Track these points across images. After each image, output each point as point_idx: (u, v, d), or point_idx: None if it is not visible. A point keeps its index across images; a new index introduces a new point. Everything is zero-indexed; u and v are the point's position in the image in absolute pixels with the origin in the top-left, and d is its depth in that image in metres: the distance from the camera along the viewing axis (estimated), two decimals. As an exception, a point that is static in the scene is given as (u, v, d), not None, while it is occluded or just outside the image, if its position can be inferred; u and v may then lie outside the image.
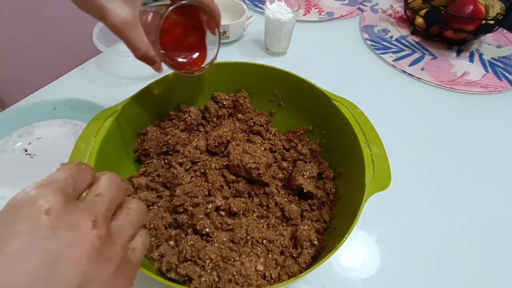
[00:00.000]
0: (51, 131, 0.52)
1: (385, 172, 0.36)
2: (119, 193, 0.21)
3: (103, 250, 0.18)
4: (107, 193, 0.20)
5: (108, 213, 0.19)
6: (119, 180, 0.21)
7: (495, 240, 0.44)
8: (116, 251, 0.19)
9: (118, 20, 0.29)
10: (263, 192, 0.42)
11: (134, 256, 0.21)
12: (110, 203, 0.20)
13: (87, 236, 0.17)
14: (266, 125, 0.49)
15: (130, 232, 0.21)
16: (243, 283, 0.33)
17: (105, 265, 0.18)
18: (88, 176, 0.20)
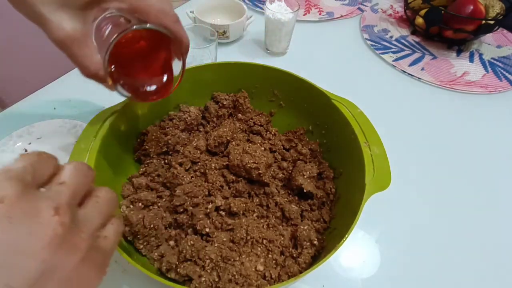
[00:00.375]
0: (51, 131, 0.52)
1: (385, 172, 0.36)
2: (85, 181, 0.20)
3: (67, 237, 0.17)
4: (71, 181, 0.19)
5: (72, 200, 0.19)
6: (85, 168, 0.21)
7: (495, 240, 0.44)
8: (83, 238, 0.18)
9: (62, 34, 0.25)
10: (263, 192, 0.42)
11: (106, 244, 0.21)
12: (75, 191, 0.19)
13: (48, 223, 0.17)
14: (266, 125, 0.49)
15: (99, 220, 0.20)
16: (243, 283, 0.33)
17: (70, 253, 0.18)
18: (50, 166, 0.19)
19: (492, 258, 0.43)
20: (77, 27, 0.26)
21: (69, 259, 0.17)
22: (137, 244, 0.36)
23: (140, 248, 0.36)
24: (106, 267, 0.21)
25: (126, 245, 0.36)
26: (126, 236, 0.36)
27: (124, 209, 0.38)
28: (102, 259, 0.20)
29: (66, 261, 0.17)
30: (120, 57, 0.29)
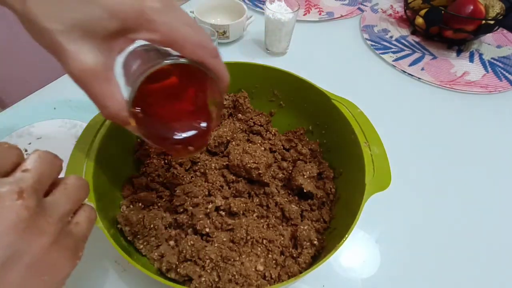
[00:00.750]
0: (51, 131, 0.52)
1: (385, 172, 0.36)
2: (51, 169, 0.20)
3: (33, 221, 0.17)
4: (36, 168, 0.19)
5: (37, 186, 0.18)
6: (51, 156, 0.20)
7: (495, 240, 0.44)
8: (51, 223, 0.18)
9: (80, 67, 0.21)
10: (263, 192, 0.42)
11: (78, 230, 0.21)
12: (40, 177, 0.19)
13: (11, 208, 0.17)
14: (266, 125, 0.49)
15: (68, 206, 0.20)
16: (243, 283, 0.33)
17: (38, 237, 0.17)
18: (13, 155, 0.19)
19: (492, 257, 0.43)
20: (99, 60, 0.21)
21: (36, 243, 0.17)
22: (137, 244, 0.36)
23: (140, 248, 0.36)
24: (79, 252, 0.21)
25: (126, 245, 0.36)
26: (126, 236, 0.36)
27: (124, 209, 0.38)
28: (74, 244, 0.20)
29: (33, 245, 0.17)
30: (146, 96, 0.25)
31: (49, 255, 0.18)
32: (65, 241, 0.19)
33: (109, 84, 0.22)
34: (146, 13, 0.21)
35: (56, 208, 0.19)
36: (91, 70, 0.21)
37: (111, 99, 0.23)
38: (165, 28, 0.22)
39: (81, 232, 0.21)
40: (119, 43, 0.22)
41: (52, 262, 0.18)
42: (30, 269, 0.17)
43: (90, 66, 0.21)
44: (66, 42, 0.20)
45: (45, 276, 0.18)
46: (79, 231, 0.21)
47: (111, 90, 0.23)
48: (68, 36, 0.20)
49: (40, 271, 0.18)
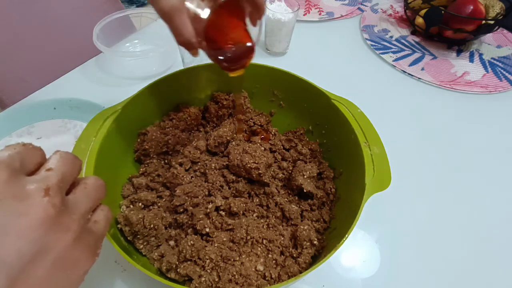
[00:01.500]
0: (51, 131, 0.52)
1: (385, 172, 0.36)
2: (73, 169, 0.21)
3: (59, 218, 0.18)
4: (59, 167, 0.20)
5: (61, 184, 0.19)
6: (72, 156, 0.21)
7: (495, 240, 0.44)
8: (74, 220, 0.19)
9: (168, 6, 0.28)
10: (263, 192, 0.42)
11: (97, 228, 0.22)
12: (64, 176, 0.20)
13: (39, 204, 0.17)
14: (266, 125, 0.49)
15: (89, 204, 0.21)
16: (243, 283, 0.33)
17: (63, 234, 0.18)
18: (37, 155, 0.20)
19: (492, 258, 0.43)
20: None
21: (61, 239, 0.18)
22: (137, 244, 0.36)
23: (140, 248, 0.36)
24: (98, 249, 0.21)
25: (126, 245, 0.36)
26: (126, 236, 0.36)
27: (124, 209, 0.38)
28: (93, 241, 0.21)
29: (58, 242, 0.18)
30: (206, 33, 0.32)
31: (72, 251, 0.19)
32: (86, 239, 0.20)
33: (185, 16, 0.29)
34: None
35: (78, 206, 0.20)
36: (175, 7, 0.28)
37: (186, 29, 0.29)
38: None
39: (100, 230, 0.22)
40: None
41: (75, 258, 0.19)
42: (56, 264, 0.18)
43: (175, 3, 0.28)
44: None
45: (68, 271, 0.19)
46: (98, 229, 0.22)
47: (186, 21, 0.29)
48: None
49: (64, 266, 0.18)
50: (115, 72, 0.64)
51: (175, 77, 0.46)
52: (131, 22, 0.76)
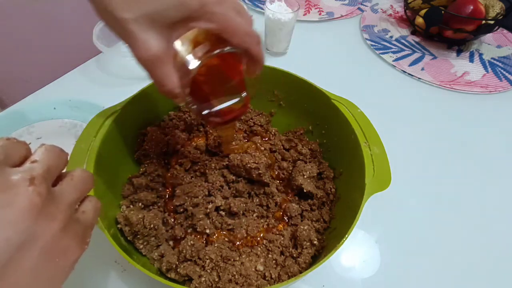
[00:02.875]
0: (51, 131, 0.52)
1: (385, 172, 0.36)
2: (58, 161, 0.21)
3: (45, 208, 0.18)
4: (44, 159, 0.20)
5: (46, 175, 0.19)
6: (58, 149, 0.21)
7: (496, 240, 0.44)
8: (61, 210, 0.19)
9: (148, 54, 0.24)
10: (263, 192, 0.42)
11: (85, 218, 0.22)
12: (49, 167, 0.20)
13: (24, 193, 0.17)
14: (266, 125, 0.49)
15: (76, 195, 0.21)
16: (243, 283, 0.33)
17: (50, 223, 0.18)
18: (22, 149, 0.20)
19: (492, 258, 0.43)
20: (162, 46, 0.25)
21: (49, 228, 0.18)
22: (137, 244, 0.36)
23: (140, 248, 0.36)
24: (87, 239, 0.22)
25: (126, 245, 0.36)
26: (126, 236, 0.36)
27: (124, 209, 0.38)
28: (82, 231, 0.21)
29: (46, 230, 0.18)
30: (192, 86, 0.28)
31: (60, 240, 0.19)
32: (74, 228, 0.20)
33: (168, 66, 0.26)
34: (207, 5, 0.24)
35: (64, 196, 0.20)
36: (155, 55, 0.25)
37: (168, 79, 0.26)
38: (221, 18, 0.25)
39: (88, 220, 0.22)
40: (179, 30, 0.25)
41: (63, 247, 0.19)
42: (44, 253, 0.18)
43: (155, 52, 0.24)
44: (138, 30, 0.24)
45: (57, 259, 0.19)
46: (86, 219, 0.22)
47: (169, 71, 0.26)
48: (139, 25, 0.23)
49: (52, 255, 0.19)
50: (115, 72, 0.64)
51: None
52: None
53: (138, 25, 0.23)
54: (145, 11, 0.23)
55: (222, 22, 0.25)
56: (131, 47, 0.25)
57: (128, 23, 0.23)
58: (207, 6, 0.24)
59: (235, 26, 0.26)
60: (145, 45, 0.24)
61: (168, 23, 0.24)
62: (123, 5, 0.23)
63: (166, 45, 0.25)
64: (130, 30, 0.23)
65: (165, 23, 0.24)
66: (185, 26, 0.25)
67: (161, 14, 0.24)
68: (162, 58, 0.25)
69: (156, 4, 0.23)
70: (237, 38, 0.26)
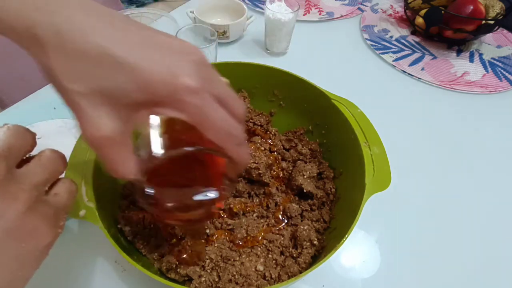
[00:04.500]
0: (51, 131, 0.52)
1: (385, 172, 0.36)
2: (22, 141, 0.20)
3: (5, 187, 0.18)
4: (5, 139, 0.19)
5: (6, 154, 0.18)
6: (22, 129, 0.20)
7: (496, 240, 0.44)
8: (24, 190, 0.19)
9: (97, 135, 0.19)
10: (263, 192, 0.42)
11: (56, 200, 0.21)
12: (10, 147, 0.19)
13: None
14: (266, 125, 0.49)
15: (43, 175, 0.20)
16: (243, 283, 0.33)
17: (11, 202, 0.18)
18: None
19: (492, 258, 0.43)
20: (116, 127, 0.20)
21: (10, 208, 0.18)
22: (137, 244, 0.36)
23: (140, 248, 0.36)
24: (60, 222, 0.21)
25: (126, 245, 0.36)
26: (126, 236, 0.36)
27: (124, 209, 0.38)
28: (53, 213, 0.20)
29: (7, 211, 0.18)
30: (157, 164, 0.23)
31: (25, 221, 0.18)
32: (42, 210, 0.19)
33: (122, 151, 0.21)
34: (178, 93, 0.19)
35: (29, 176, 0.19)
36: (107, 137, 0.20)
37: (121, 165, 0.21)
38: (194, 110, 0.20)
39: (60, 202, 0.21)
40: (141, 112, 0.21)
41: (30, 229, 0.19)
42: (7, 234, 0.17)
43: (106, 133, 0.19)
44: (86, 105, 0.19)
45: (24, 243, 0.18)
46: (58, 201, 0.21)
47: (123, 156, 0.21)
48: (88, 100, 0.19)
49: (18, 237, 0.18)
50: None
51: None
52: (131, 22, 0.76)
53: (87, 100, 0.19)
54: (97, 86, 0.18)
55: (195, 116, 0.20)
56: (79, 123, 0.20)
57: (75, 96, 0.19)
58: (179, 94, 0.19)
59: (211, 122, 0.21)
60: (94, 124, 0.19)
61: (127, 104, 0.19)
62: (73, 75, 0.18)
63: (122, 126, 0.20)
64: (77, 103, 0.19)
65: (123, 103, 0.19)
66: (149, 110, 0.20)
67: (118, 93, 0.19)
68: (115, 141, 0.20)
69: (112, 81, 0.18)
70: (212, 136, 0.21)
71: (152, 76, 0.18)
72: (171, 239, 0.38)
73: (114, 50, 0.18)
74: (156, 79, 0.18)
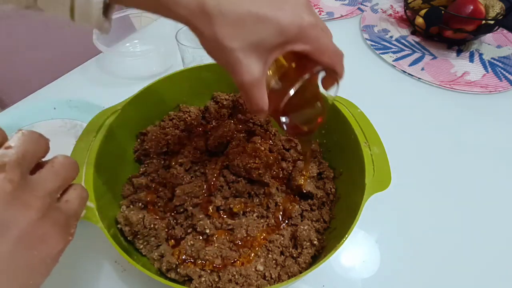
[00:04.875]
0: (51, 131, 0.52)
1: (385, 172, 0.36)
2: (36, 147, 0.20)
3: (19, 194, 0.17)
4: (19, 145, 0.19)
5: (21, 161, 0.18)
6: (36, 135, 0.20)
7: (496, 240, 0.44)
8: (38, 197, 0.19)
9: (250, 79, 0.25)
10: (263, 192, 0.42)
11: (68, 208, 0.21)
12: (25, 154, 0.19)
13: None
14: (266, 125, 0.49)
15: (56, 183, 0.20)
16: (243, 283, 0.33)
17: (24, 210, 0.18)
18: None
19: (492, 258, 0.43)
20: (261, 70, 0.26)
21: (24, 215, 0.18)
22: (137, 244, 0.36)
23: (140, 248, 0.36)
24: (71, 229, 0.21)
25: (126, 245, 0.36)
26: (126, 236, 0.36)
27: (124, 209, 0.38)
28: (64, 221, 0.20)
29: (21, 218, 0.17)
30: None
31: (37, 229, 0.18)
32: (54, 217, 0.19)
33: (264, 88, 0.27)
34: (304, 29, 0.25)
35: (42, 184, 0.19)
36: (256, 79, 0.25)
37: (262, 100, 0.27)
38: (315, 40, 0.26)
39: (72, 209, 0.21)
40: (276, 53, 0.26)
41: (41, 236, 0.18)
42: (19, 242, 0.17)
43: (256, 76, 0.25)
44: (243, 57, 0.24)
45: (36, 250, 0.18)
46: (69, 208, 0.21)
47: (263, 93, 0.27)
48: (244, 53, 0.24)
49: (29, 245, 0.18)
50: (115, 72, 0.64)
51: (175, 77, 0.46)
52: (131, 22, 0.76)
53: (243, 53, 0.24)
54: (250, 40, 0.24)
55: (316, 44, 0.26)
56: (234, 72, 0.26)
57: (235, 51, 0.24)
58: (305, 31, 0.25)
59: (325, 46, 0.27)
60: (248, 71, 0.25)
61: (269, 48, 0.25)
62: (232, 35, 0.24)
63: (264, 69, 0.26)
64: (236, 57, 0.25)
65: (266, 49, 0.25)
66: (282, 49, 0.26)
67: (264, 41, 0.24)
68: (261, 81, 0.26)
69: (260, 33, 0.24)
70: (326, 58, 0.27)
71: (287, 22, 0.24)
72: (171, 239, 0.38)
73: (258, 11, 0.24)
74: (289, 23, 0.24)
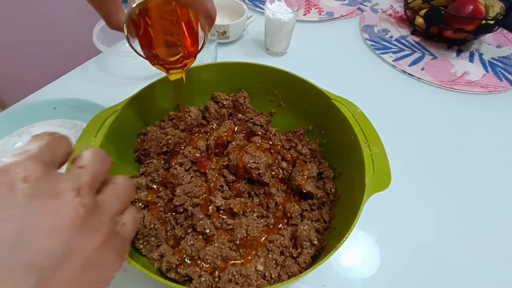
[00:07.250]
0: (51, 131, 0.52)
1: (385, 172, 0.36)
2: (104, 167, 0.20)
3: (89, 219, 0.17)
4: (91, 165, 0.19)
5: (93, 184, 0.18)
6: (103, 154, 0.21)
7: (496, 240, 0.44)
8: (104, 222, 0.18)
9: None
10: (263, 192, 0.42)
11: (124, 231, 0.21)
12: (95, 175, 0.19)
13: (70, 204, 0.17)
14: (266, 125, 0.49)
15: (118, 206, 0.20)
16: (243, 283, 0.33)
17: (92, 235, 0.17)
18: (64, 145, 0.19)
19: (492, 258, 0.43)
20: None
21: (91, 241, 0.17)
22: (137, 244, 0.36)
23: (140, 248, 0.36)
24: (125, 253, 0.20)
25: (126, 245, 0.36)
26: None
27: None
28: (121, 244, 0.20)
29: (88, 243, 0.17)
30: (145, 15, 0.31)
31: (100, 253, 0.18)
32: (114, 241, 0.19)
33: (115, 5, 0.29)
34: None
35: (107, 207, 0.19)
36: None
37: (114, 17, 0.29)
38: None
39: (127, 233, 0.21)
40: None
41: (102, 261, 0.18)
42: (85, 266, 0.17)
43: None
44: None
45: (95, 276, 0.18)
46: (125, 232, 0.21)
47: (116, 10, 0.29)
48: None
49: (91, 270, 0.17)
50: (115, 72, 0.64)
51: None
52: (131, 22, 0.76)
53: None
54: None
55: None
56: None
57: None
58: None
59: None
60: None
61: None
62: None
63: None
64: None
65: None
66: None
67: None
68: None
69: None
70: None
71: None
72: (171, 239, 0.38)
73: None
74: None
